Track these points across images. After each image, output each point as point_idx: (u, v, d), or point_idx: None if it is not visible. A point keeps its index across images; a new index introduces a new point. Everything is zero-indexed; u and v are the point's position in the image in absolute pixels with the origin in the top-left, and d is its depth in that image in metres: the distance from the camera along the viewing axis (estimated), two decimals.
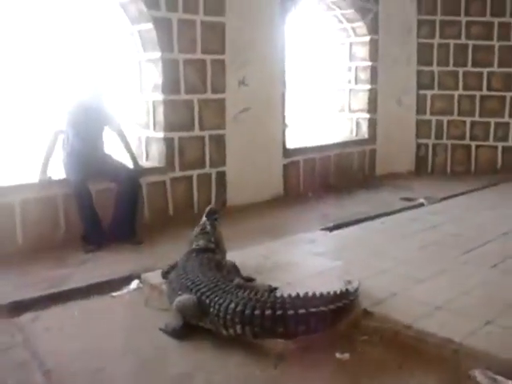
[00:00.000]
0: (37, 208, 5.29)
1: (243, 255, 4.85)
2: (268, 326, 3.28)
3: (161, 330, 3.60)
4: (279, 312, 3.27)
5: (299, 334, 3.33)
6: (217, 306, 3.41)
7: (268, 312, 3.27)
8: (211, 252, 4.25)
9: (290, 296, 3.41)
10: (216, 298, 3.45)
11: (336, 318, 3.45)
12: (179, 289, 3.73)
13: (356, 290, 3.71)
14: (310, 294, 3.44)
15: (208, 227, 4.58)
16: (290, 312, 3.27)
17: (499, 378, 3.00)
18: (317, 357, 3.30)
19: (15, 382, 3.14)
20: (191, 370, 3.20)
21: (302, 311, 3.29)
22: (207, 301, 3.47)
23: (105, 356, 3.33)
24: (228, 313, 3.34)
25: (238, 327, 3.33)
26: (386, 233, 5.74)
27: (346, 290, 3.62)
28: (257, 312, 3.28)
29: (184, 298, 3.60)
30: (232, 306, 3.35)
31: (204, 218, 4.72)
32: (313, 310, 3.32)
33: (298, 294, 3.42)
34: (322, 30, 9.09)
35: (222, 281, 3.67)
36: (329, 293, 3.49)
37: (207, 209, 4.83)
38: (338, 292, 3.52)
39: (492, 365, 3.08)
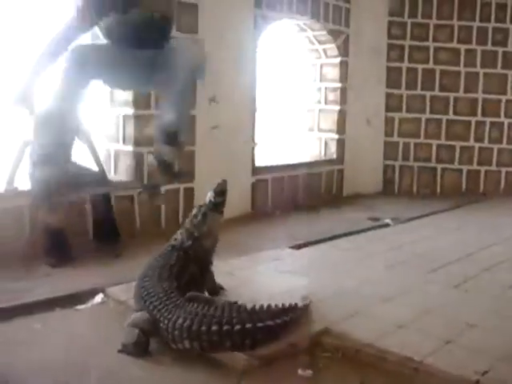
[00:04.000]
0: (1, 218, 5.22)
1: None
2: (215, 340, 3.28)
3: (120, 351, 3.51)
4: (226, 327, 3.27)
5: (246, 347, 3.34)
6: (166, 321, 3.39)
7: (214, 328, 3.27)
8: (184, 252, 4.06)
9: (237, 309, 3.43)
10: (165, 313, 3.43)
11: (283, 331, 3.51)
12: (138, 297, 3.74)
13: (306, 306, 3.77)
14: (258, 307, 3.48)
15: (199, 216, 4.17)
16: (237, 327, 3.29)
17: None
18: (279, 374, 3.31)
19: None
20: None
21: (248, 326, 3.31)
22: (158, 315, 3.46)
23: (67, 370, 3.28)
24: (176, 328, 3.33)
25: (186, 342, 3.32)
26: (352, 252, 5.79)
27: (295, 304, 3.67)
28: (203, 328, 3.27)
29: (137, 315, 3.58)
30: (180, 321, 3.34)
31: (208, 197, 4.25)
32: (260, 324, 3.36)
33: (245, 308, 3.46)
34: (294, 51, 9.21)
35: (174, 293, 3.62)
36: (277, 306, 3.55)
37: (217, 187, 4.31)
38: (286, 306, 3.59)
39: (451, 382, 3.14)
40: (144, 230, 6.22)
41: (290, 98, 9.79)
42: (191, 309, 3.43)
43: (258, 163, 7.59)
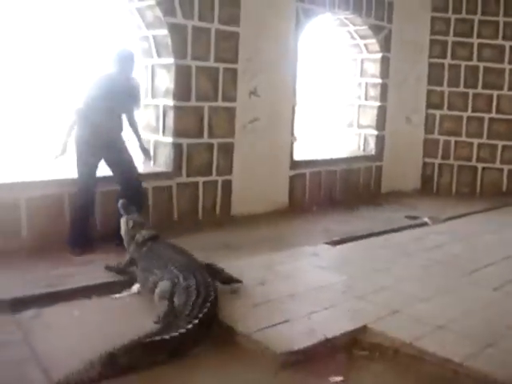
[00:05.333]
0: (43, 206, 5.29)
1: (246, 265, 4.89)
2: None
3: (156, 322, 3.64)
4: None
5: None
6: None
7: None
8: (157, 238, 4.74)
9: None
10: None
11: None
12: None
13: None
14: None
15: (138, 218, 4.98)
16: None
17: None
18: (313, 373, 3.30)
19: (12, 379, 3.14)
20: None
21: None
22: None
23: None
24: None
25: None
26: (389, 250, 5.73)
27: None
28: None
29: (161, 287, 3.97)
30: None
31: (125, 215, 4.97)
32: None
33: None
34: (335, 46, 9.13)
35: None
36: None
37: (121, 204, 5.05)
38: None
39: None
40: (181, 221, 6.26)
41: (330, 92, 9.72)
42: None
43: (297, 157, 7.54)
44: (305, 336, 3.55)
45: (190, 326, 3.43)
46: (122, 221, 4.97)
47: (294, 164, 7.48)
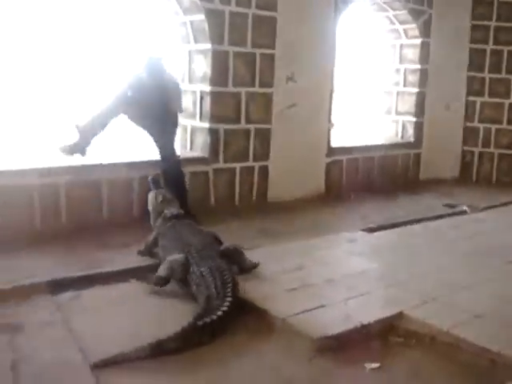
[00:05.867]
0: (81, 190, 5.37)
1: (284, 250, 4.89)
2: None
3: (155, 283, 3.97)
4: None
5: None
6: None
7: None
8: (184, 217, 4.81)
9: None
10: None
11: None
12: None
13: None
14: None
15: (167, 195, 5.03)
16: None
17: None
18: (348, 359, 3.28)
19: (51, 360, 3.18)
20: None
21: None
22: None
23: (138, 340, 3.33)
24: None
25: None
26: (427, 238, 5.66)
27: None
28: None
29: (175, 257, 4.08)
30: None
31: (154, 190, 5.08)
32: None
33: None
34: (373, 31, 9.02)
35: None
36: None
37: (151, 179, 5.18)
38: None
39: None
40: (218, 207, 6.29)
41: (368, 79, 9.61)
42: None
43: (334, 144, 7.49)
44: (340, 322, 3.53)
45: (227, 304, 3.52)
46: (151, 195, 5.04)
47: (331, 150, 7.43)
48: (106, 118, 5.58)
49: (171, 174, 5.60)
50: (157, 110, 5.56)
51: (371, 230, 5.81)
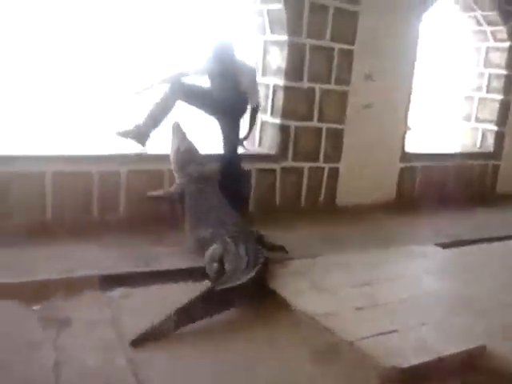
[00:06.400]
0: (142, 180, 5.14)
1: (350, 261, 4.56)
2: None
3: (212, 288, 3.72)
4: None
5: None
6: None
7: None
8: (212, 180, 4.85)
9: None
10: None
11: None
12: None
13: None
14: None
15: (192, 146, 4.93)
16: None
17: None
18: None
19: (95, 364, 3.00)
20: None
21: None
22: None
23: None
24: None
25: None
26: (509, 259, 5.20)
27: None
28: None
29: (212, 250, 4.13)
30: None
31: (176, 138, 4.93)
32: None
33: None
34: (456, 31, 8.52)
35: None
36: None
37: (173, 125, 5.03)
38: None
39: None
40: (283, 207, 5.99)
41: (447, 82, 9.12)
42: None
43: (409, 149, 7.07)
44: (415, 352, 3.18)
45: (252, 274, 3.72)
46: (173, 142, 4.90)
47: (405, 156, 7.01)
48: (166, 108, 5.30)
49: (232, 171, 5.32)
50: (227, 101, 5.29)
51: (445, 246, 5.38)
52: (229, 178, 5.22)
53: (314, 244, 4.97)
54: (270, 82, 5.99)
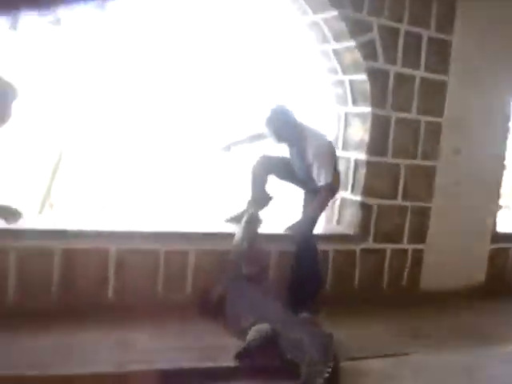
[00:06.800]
0: (210, 259, 4.80)
1: (439, 363, 3.99)
2: None
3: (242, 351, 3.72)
4: None
5: None
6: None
7: None
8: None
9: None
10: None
11: None
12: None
13: None
14: None
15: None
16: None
17: None
18: None
19: None
20: None
21: None
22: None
23: None
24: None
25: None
26: None
27: None
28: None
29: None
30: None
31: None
32: None
33: None
34: None
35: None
36: None
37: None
38: None
39: None
40: (362, 290, 5.51)
41: None
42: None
43: (500, 229, 6.49)
44: None
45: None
46: (242, 232, 4.73)
47: (497, 236, 6.43)
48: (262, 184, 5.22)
49: (308, 249, 4.88)
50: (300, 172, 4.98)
51: None
52: (305, 256, 4.80)
53: (396, 339, 4.48)
54: (350, 156, 5.61)
